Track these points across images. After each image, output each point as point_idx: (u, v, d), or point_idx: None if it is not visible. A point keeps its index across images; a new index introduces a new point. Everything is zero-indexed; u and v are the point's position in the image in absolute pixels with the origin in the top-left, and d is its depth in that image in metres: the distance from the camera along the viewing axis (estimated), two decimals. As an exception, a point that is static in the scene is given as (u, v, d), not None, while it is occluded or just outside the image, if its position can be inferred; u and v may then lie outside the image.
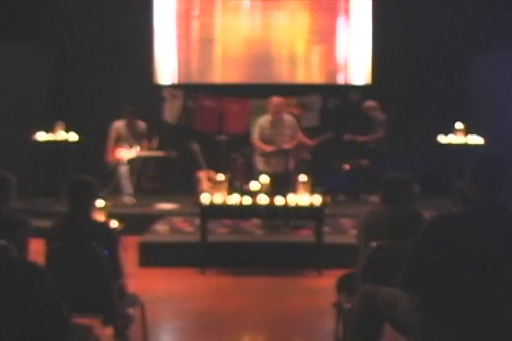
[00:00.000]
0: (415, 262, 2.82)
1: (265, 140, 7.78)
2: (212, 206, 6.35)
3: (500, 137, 8.25)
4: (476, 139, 7.93)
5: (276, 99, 7.75)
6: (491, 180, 2.80)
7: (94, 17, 9.63)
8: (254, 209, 6.39)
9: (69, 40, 9.75)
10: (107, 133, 8.80)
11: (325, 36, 10.15)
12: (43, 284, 2.68)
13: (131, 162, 8.74)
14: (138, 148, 8.76)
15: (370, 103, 9.08)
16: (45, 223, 4.30)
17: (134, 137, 8.82)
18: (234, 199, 6.35)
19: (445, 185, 5.90)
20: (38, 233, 3.93)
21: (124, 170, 8.69)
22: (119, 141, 8.79)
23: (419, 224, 3.82)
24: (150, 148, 8.85)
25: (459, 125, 8.01)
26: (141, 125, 8.90)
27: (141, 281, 5.28)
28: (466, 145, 7.92)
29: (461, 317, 2.75)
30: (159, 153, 8.84)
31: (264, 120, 7.83)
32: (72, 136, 8.54)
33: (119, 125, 8.82)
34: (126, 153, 8.75)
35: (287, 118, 7.92)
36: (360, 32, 10.11)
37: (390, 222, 3.85)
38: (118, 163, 8.72)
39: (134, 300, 4.01)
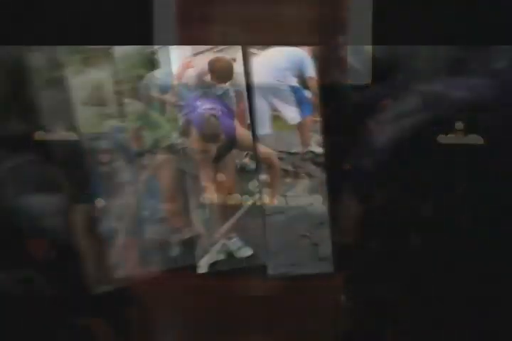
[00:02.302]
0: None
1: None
2: (212, 206, 6.34)
3: (500, 137, 8.28)
4: (476, 139, 7.95)
5: None
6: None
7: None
8: (254, 209, 6.38)
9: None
10: (107, 133, 8.85)
11: (325, 36, 10.20)
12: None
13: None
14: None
15: None
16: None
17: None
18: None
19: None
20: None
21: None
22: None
23: None
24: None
25: (458, 125, 8.03)
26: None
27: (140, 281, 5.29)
28: (466, 146, 7.94)
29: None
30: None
31: None
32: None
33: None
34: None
35: None
36: (360, 32, 10.15)
37: None
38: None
39: (134, 300, 4.00)
